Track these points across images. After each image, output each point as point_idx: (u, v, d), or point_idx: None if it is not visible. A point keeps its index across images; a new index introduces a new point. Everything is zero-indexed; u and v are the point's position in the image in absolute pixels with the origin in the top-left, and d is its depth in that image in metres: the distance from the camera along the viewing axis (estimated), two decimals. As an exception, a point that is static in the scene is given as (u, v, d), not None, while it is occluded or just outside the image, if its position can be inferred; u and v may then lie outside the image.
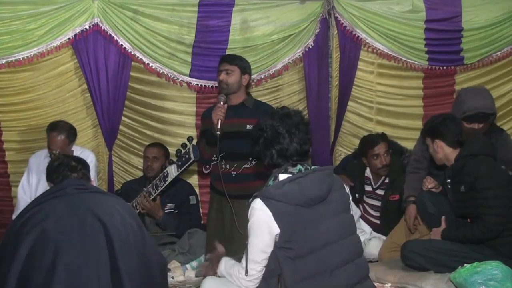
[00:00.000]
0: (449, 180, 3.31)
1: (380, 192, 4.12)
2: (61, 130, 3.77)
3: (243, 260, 2.37)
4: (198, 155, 3.24)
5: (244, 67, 3.46)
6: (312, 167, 2.44)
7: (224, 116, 3.33)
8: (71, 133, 3.83)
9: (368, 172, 4.19)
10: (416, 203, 3.58)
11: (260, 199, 2.32)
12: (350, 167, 4.28)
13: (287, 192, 2.29)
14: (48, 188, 2.55)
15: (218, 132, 3.28)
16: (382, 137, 4.09)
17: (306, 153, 2.46)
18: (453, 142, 3.28)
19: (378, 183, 4.13)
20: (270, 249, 2.31)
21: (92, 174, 3.63)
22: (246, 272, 2.35)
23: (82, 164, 2.52)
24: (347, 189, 2.54)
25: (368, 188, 4.19)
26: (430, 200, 3.45)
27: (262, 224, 2.29)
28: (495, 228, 3.07)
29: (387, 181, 4.10)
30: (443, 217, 3.34)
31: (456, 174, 3.27)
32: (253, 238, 2.32)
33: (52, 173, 2.44)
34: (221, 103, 3.35)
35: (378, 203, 4.15)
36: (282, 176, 2.36)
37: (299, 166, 2.41)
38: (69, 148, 3.83)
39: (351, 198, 4.05)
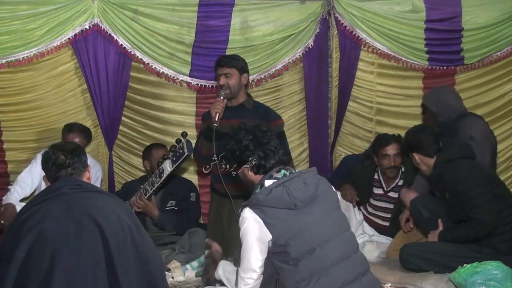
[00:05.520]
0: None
1: (393, 194, 4.03)
2: (78, 132, 4.00)
3: (239, 269, 2.37)
4: (192, 149, 3.23)
5: (241, 66, 3.44)
6: (296, 170, 2.45)
7: (223, 111, 3.31)
8: (87, 134, 4.07)
9: (378, 175, 4.11)
10: (410, 210, 3.58)
11: (249, 207, 2.31)
12: (358, 168, 4.17)
13: (275, 197, 2.28)
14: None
15: (215, 125, 3.26)
16: (397, 138, 3.98)
17: (289, 161, 2.53)
18: (431, 152, 3.29)
19: (391, 186, 4.05)
20: (264, 256, 2.31)
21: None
22: (236, 285, 2.36)
23: (72, 154, 2.37)
24: (333, 188, 2.54)
25: (378, 191, 4.10)
26: (424, 205, 3.45)
27: (254, 233, 2.29)
28: (487, 225, 3.10)
29: (400, 183, 4.02)
30: (440, 220, 3.35)
31: (437, 182, 3.30)
32: (246, 246, 2.32)
33: (45, 171, 2.41)
34: (221, 97, 3.35)
35: (389, 205, 4.06)
36: (268, 182, 2.36)
37: (283, 171, 2.42)
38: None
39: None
